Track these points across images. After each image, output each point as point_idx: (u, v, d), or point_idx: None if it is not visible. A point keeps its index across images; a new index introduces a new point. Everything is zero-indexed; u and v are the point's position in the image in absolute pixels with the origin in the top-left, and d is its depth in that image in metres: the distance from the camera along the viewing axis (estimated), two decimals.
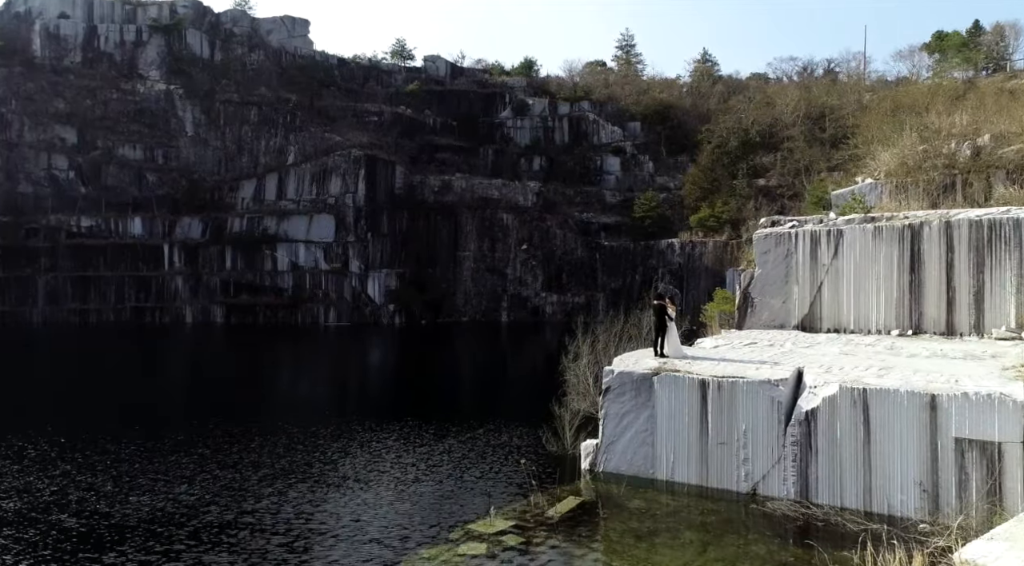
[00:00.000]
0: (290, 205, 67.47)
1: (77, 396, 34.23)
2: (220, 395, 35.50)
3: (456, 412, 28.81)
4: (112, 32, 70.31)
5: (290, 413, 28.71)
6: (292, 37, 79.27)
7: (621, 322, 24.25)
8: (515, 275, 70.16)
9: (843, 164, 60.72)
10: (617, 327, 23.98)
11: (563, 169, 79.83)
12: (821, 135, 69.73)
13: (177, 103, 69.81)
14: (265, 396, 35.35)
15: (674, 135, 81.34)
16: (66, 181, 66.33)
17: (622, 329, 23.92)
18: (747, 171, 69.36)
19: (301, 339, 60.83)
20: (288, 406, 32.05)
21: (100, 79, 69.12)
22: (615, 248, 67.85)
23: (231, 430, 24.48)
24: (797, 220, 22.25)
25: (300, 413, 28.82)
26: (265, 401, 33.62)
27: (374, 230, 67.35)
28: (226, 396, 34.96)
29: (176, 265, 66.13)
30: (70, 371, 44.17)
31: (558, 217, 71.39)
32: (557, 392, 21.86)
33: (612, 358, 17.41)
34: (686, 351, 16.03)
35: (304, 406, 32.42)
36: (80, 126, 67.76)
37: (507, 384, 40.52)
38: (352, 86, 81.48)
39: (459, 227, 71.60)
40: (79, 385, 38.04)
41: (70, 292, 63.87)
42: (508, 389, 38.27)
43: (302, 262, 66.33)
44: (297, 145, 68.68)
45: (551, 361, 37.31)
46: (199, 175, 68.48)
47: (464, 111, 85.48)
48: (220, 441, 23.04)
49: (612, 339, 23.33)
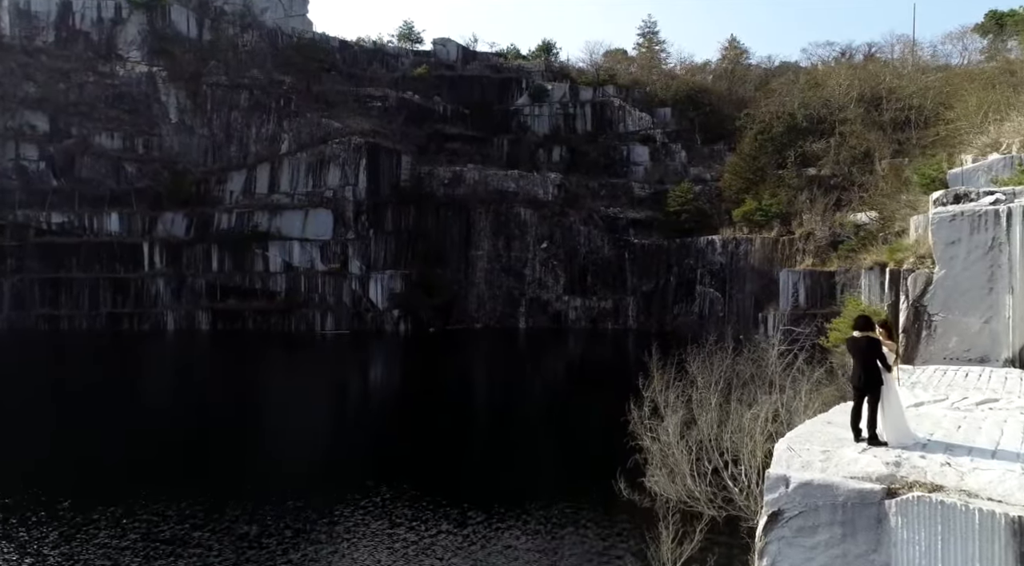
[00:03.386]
0: (283, 199, 60.55)
1: (20, 433, 27.80)
2: (195, 437, 29.87)
3: (481, 477, 21.65)
4: (88, 9, 63.69)
5: (273, 473, 23.08)
6: (289, 16, 72.47)
7: (729, 355, 16.55)
8: (534, 276, 62.84)
9: (927, 145, 52.90)
10: (724, 364, 16.17)
11: (586, 160, 72.45)
12: (880, 118, 61.88)
13: (160, 86, 63.09)
14: (246, 443, 29.19)
15: (708, 122, 73.72)
16: (36, 173, 59.76)
17: (732, 366, 16.17)
18: (796, 159, 61.63)
19: (294, 350, 53.86)
20: (272, 459, 26.30)
21: (75, 61, 62.52)
22: (646, 246, 60.39)
23: (199, 501, 17.53)
24: (1002, 192, 14.51)
25: (286, 471, 23.13)
26: (246, 452, 27.59)
27: (377, 227, 60.27)
28: (201, 439, 29.47)
29: (157, 266, 59.38)
30: (25, 390, 37.57)
31: (581, 212, 64.00)
32: (627, 461, 14.35)
33: (717, 416, 10.20)
34: (916, 432, 8.46)
35: (292, 455, 26.59)
36: (52, 112, 61.14)
37: (548, 426, 32.48)
38: (354, 70, 74.48)
39: (471, 223, 64.38)
40: (27, 417, 31.44)
41: (39, 296, 57.28)
42: (551, 436, 30.73)
43: (296, 262, 59.37)
44: (292, 132, 61.75)
45: (595, 390, 30.14)
46: (183, 166, 61.71)
47: (477, 98, 78.26)
48: (180, 521, 16.02)
49: (716, 381, 15.52)
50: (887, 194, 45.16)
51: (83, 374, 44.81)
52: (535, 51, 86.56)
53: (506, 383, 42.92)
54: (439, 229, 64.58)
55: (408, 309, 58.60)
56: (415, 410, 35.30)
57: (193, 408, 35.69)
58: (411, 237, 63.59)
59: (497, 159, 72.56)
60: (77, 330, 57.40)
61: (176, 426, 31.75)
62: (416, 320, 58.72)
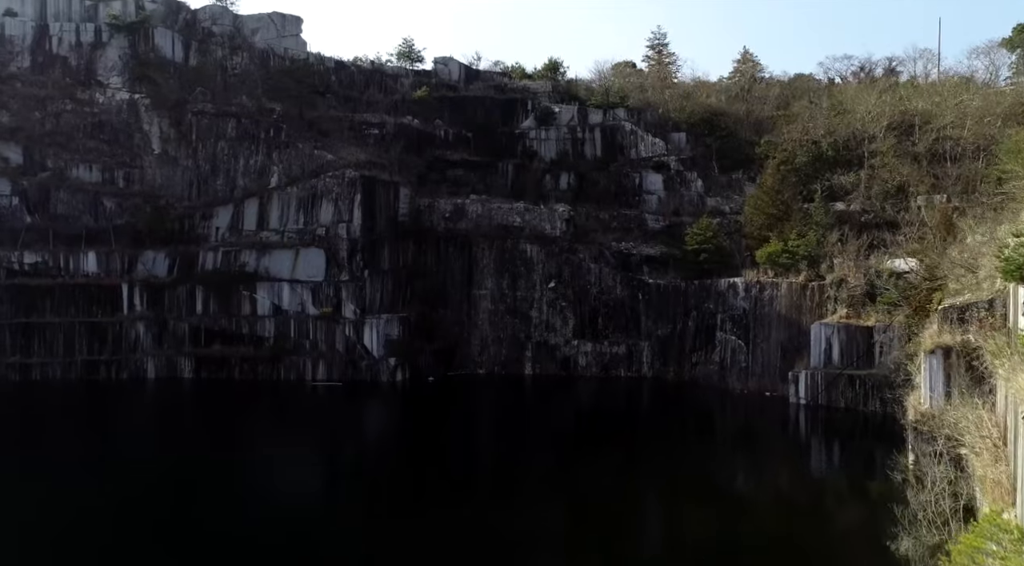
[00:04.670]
0: (273, 237, 56.51)
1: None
2: (166, 511, 27.69)
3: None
4: (67, 32, 59.81)
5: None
6: (282, 37, 68.45)
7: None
8: (541, 318, 58.66)
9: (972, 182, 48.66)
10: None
11: (595, 188, 68.24)
12: (913, 149, 57.62)
13: (142, 115, 59.17)
14: (219, 515, 26.48)
15: (725, 147, 69.43)
16: (8, 209, 55.85)
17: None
18: (822, 193, 57.36)
19: (282, 405, 49.71)
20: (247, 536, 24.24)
21: (52, 87, 58.63)
22: (662, 287, 56.15)
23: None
24: None
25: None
26: (218, 525, 25.12)
27: (372, 266, 56.14)
28: (175, 511, 27.65)
29: (137, 309, 55.40)
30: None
31: (592, 248, 59.81)
32: None
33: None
34: None
35: (270, 536, 24.46)
36: (26, 143, 57.29)
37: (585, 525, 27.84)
38: (351, 93, 70.43)
39: (474, 260, 60.27)
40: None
41: (9, 343, 53.30)
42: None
43: (286, 305, 55.31)
44: (282, 164, 57.71)
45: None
46: (166, 200, 57.76)
47: (480, 120, 74.20)
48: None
49: None
50: (932, 245, 40.85)
51: (50, 433, 40.99)
52: (541, 70, 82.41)
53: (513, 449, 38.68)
54: (440, 266, 60.50)
55: (406, 357, 54.44)
56: (410, 485, 31.52)
57: (168, 478, 32.59)
58: (410, 275, 59.48)
59: (501, 187, 68.48)
60: (50, 379, 53.41)
61: (148, 497, 29.35)
62: (414, 368, 54.58)
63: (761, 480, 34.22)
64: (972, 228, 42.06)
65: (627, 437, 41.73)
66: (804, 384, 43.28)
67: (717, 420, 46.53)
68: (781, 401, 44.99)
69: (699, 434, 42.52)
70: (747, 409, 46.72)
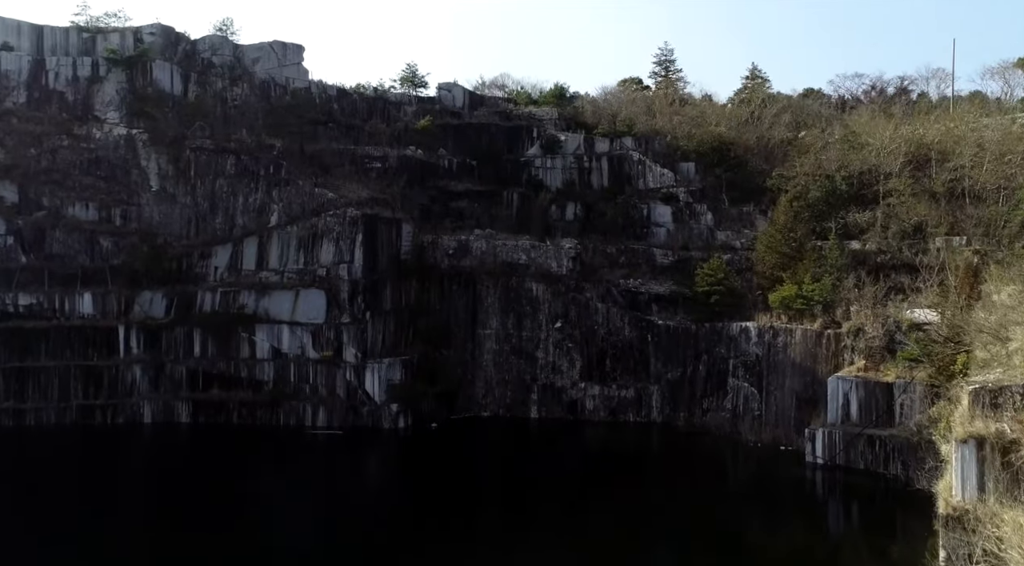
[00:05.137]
0: (272, 277, 55.19)
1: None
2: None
3: None
4: (64, 67, 58.70)
5: None
6: (283, 66, 67.29)
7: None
8: (547, 360, 57.15)
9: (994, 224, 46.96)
10: None
11: (603, 219, 66.82)
12: (930, 185, 55.97)
13: (140, 150, 58.00)
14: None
15: (736, 178, 67.85)
16: (3, 249, 54.67)
17: None
18: (837, 231, 55.75)
19: (281, 452, 48.35)
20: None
21: (48, 123, 57.51)
22: (672, 329, 54.58)
23: None
24: None
25: None
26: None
27: (374, 308, 54.76)
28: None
29: (133, 351, 54.15)
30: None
31: (599, 287, 58.27)
32: None
33: None
34: None
35: None
36: (22, 181, 56.15)
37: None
38: (353, 121, 69.28)
39: (479, 298, 58.84)
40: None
41: (3, 388, 52.04)
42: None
43: (286, 348, 53.96)
44: (282, 203, 56.40)
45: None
46: (164, 239, 56.53)
47: (485, 147, 73.01)
48: None
49: None
50: (955, 303, 39.17)
51: (44, 485, 39.81)
52: (547, 94, 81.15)
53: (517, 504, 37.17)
54: (443, 304, 59.07)
55: (408, 401, 52.99)
56: (410, 538, 30.71)
57: (163, 535, 31.55)
58: (412, 315, 58.08)
59: (506, 218, 67.15)
60: (45, 425, 52.13)
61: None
62: (416, 413, 53.11)
63: (775, 541, 32.93)
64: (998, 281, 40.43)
65: (636, 490, 40.42)
66: (821, 442, 41.64)
67: (731, 477, 44.79)
68: (796, 457, 43.32)
69: (712, 491, 40.94)
70: (761, 465, 45.01)
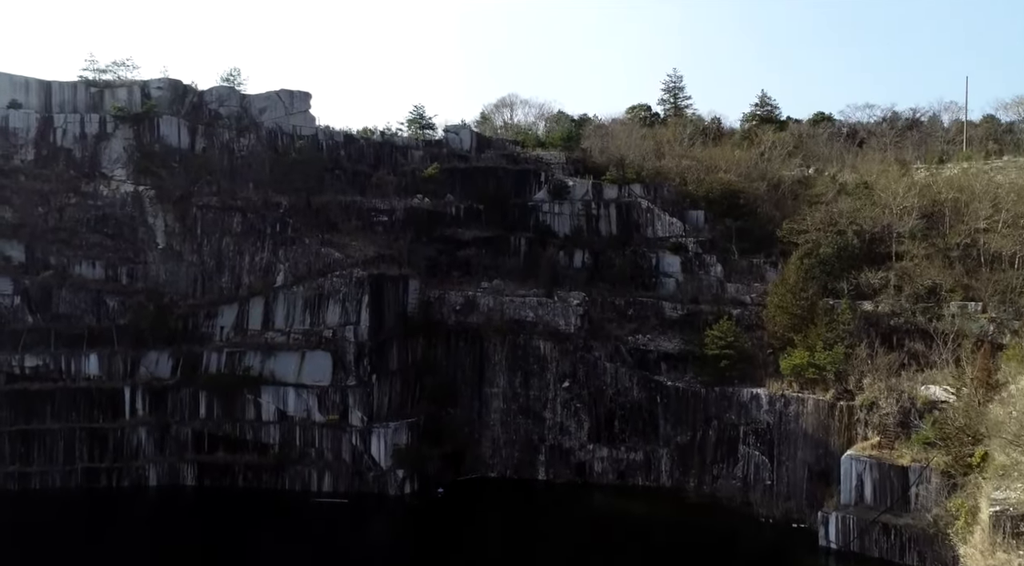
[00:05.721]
0: (278, 337, 54.88)
1: None
2: None
3: None
4: (71, 124, 58.67)
5: None
6: (290, 114, 67.07)
7: None
8: (555, 420, 56.53)
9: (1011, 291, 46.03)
10: None
11: (611, 268, 66.23)
12: (944, 245, 55.13)
13: (147, 208, 57.89)
14: None
15: (746, 227, 67.10)
16: (9, 309, 54.61)
17: None
18: (849, 291, 55.00)
19: (286, 521, 47.93)
20: None
21: (55, 181, 57.45)
22: (681, 391, 53.88)
23: None
24: None
25: None
26: None
27: (380, 369, 54.32)
28: None
29: (139, 413, 53.93)
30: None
31: (607, 345, 57.63)
32: None
33: None
34: None
35: None
36: (29, 240, 56.11)
37: None
38: (360, 168, 69.07)
39: (486, 356, 58.33)
40: None
41: (8, 451, 51.92)
42: None
43: (291, 411, 53.61)
44: (288, 262, 56.12)
45: None
46: (170, 298, 56.33)
47: (492, 191, 72.59)
48: None
49: None
50: (970, 393, 38.33)
51: (46, 551, 39.52)
52: (556, 136, 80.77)
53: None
54: (450, 361, 58.62)
55: (414, 465, 52.47)
56: None
57: None
58: (419, 373, 57.65)
59: (514, 267, 66.66)
60: (50, 488, 51.95)
61: None
62: (423, 477, 52.58)
63: None
64: (1015, 363, 39.63)
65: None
66: (835, 527, 40.80)
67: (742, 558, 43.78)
68: (810, 538, 42.43)
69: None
70: (774, 547, 43.89)
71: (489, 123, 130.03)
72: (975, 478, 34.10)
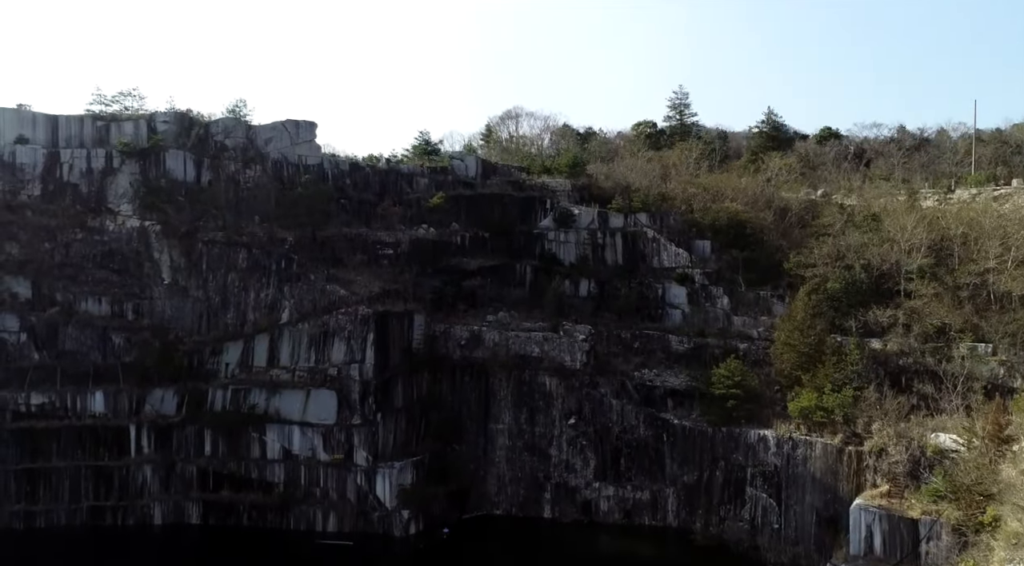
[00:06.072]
0: (283, 375, 54.80)
1: None
2: None
3: None
4: (78, 159, 58.83)
5: None
6: (295, 144, 67.11)
7: None
8: (560, 458, 56.26)
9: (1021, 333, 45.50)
10: None
11: (617, 298, 66.01)
12: (953, 283, 54.64)
13: (153, 243, 57.94)
14: None
15: (753, 257, 66.68)
16: (16, 346, 54.73)
17: None
18: (857, 330, 54.57)
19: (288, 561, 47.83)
20: None
21: (62, 216, 57.62)
22: (688, 430, 53.52)
23: None
24: None
25: None
26: None
27: (385, 407, 54.18)
28: None
29: (144, 451, 53.91)
30: None
31: (613, 381, 57.33)
32: None
33: None
34: None
35: None
36: (35, 276, 56.25)
37: None
38: (366, 196, 69.09)
39: (491, 391, 58.12)
40: None
41: (14, 489, 51.99)
42: None
43: (296, 449, 53.50)
44: (293, 299, 56.06)
45: None
46: (175, 334, 56.33)
47: (497, 218, 72.51)
48: None
49: None
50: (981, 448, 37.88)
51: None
52: (562, 162, 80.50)
53: None
54: (455, 396, 58.44)
55: (419, 505, 52.30)
56: None
57: None
58: (424, 409, 57.48)
59: (520, 298, 66.48)
60: (55, 527, 51.98)
61: None
62: (428, 516, 52.41)
63: None
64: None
65: None
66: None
67: None
68: None
69: None
70: None
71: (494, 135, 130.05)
72: (987, 539, 33.67)
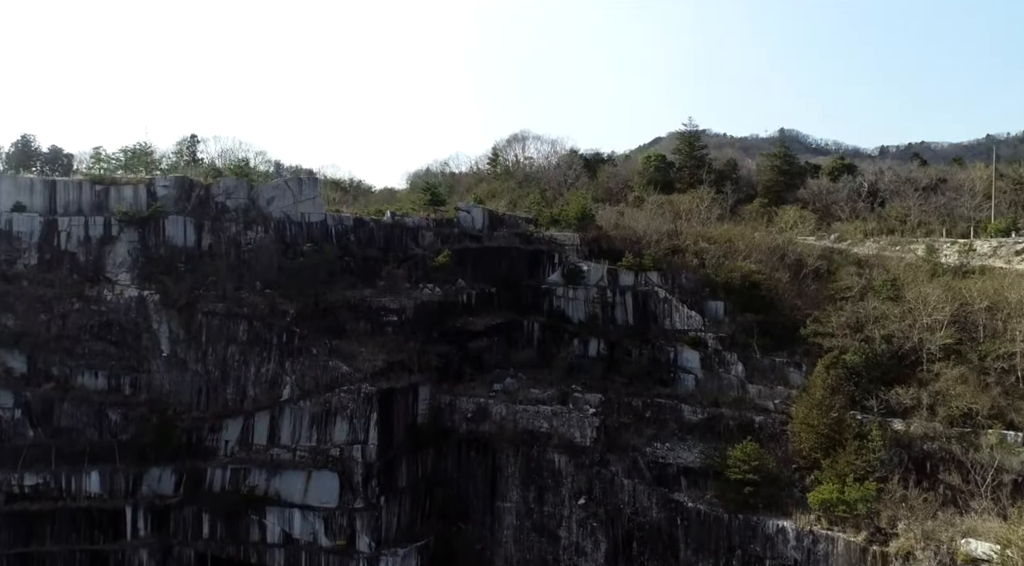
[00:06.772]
0: (284, 454, 53.12)
1: None
2: None
3: None
4: (76, 227, 57.45)
5: None
6: (299, 201, 65.73)
7: None
8: (570, 540, 54.37)
9: None
10: None
11: (627, 360, 64.37)
12: (979, 364, 52.64)
13: (151, 314, 56.37)
14: None
15: (768, 321, 64.86)
16: (10, 423, 53.18)
17: None
18: (878, 409, 52.64)
19: None
20: None
21: (59, 286, 56.11)
22: (703, 515, 51.53)
23: None
24: None
25: None
26: None
27: (388, 489, 52.45)
28: None
29: (141, 533, 52.23)
30: None
31: (625, 459, 55.44)
32: None
33: None
34: None
35: None
36: (31, 350, 54.71)
37: None
38: (370, 253, 67.76)
39: (498, 468, 56.30)
40: None
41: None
42: None
43: (297, 534, 51.75)
44: (295, 374, 54.41)
45: None
46: (174, 409, 54.70)
47: (504, 272, 71.18)
48: None
49: None
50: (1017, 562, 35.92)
51: None
52: (571, 212, 78.95)
53: None
54: (461, 474, 56.70)
55: None
56: None
57: None
58: (429, 486, 55.77)
59: (527, 360, 64.93)
60: None
61: None
62: None
63: None
64: None
65: None
66: None
67: None
68: None
69: None
70: None
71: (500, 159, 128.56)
72: None
